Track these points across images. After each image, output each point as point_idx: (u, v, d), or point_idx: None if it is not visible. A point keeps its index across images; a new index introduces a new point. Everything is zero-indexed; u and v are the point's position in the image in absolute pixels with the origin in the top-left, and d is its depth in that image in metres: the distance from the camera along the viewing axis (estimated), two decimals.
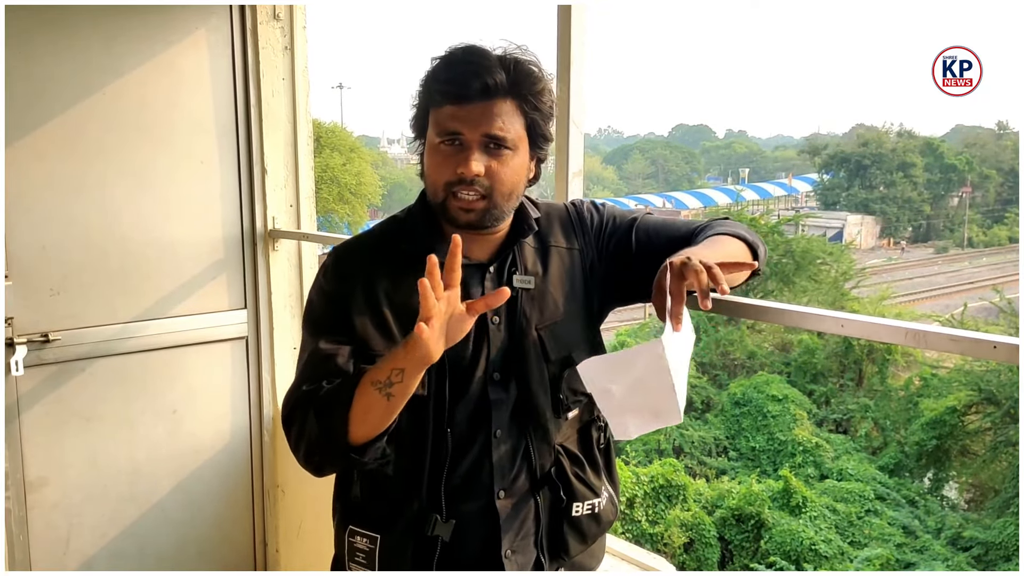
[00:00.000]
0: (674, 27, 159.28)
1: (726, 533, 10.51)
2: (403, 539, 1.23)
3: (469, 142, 1.16)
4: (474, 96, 1.15)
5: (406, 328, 1.16)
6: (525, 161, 1.21)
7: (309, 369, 1.19)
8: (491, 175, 1.16)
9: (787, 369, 14.38)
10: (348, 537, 1.27)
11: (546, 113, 1.21)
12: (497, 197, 1.18)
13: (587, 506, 1.29)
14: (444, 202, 1.18)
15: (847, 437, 13.09)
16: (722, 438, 12.96)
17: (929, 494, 12.05)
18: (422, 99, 1.21)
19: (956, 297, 21.66)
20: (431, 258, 1.04)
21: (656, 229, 1.32)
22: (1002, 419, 11.75)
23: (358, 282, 1.23)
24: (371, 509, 1.26)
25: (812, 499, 10.67)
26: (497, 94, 1.16)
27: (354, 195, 21.82)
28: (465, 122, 1.15)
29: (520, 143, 1.19)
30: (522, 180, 1.22)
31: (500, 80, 1.15)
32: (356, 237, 1.34)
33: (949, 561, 10.12)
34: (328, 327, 1.22)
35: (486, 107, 1.15)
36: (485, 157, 1.16)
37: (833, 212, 33.84)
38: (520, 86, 1.17)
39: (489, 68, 1.15)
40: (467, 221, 1.18)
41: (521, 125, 1.19)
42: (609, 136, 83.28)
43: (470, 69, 1.15)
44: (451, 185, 1.17)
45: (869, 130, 38.81)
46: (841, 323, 1.30)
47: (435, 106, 1.18)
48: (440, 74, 1.18)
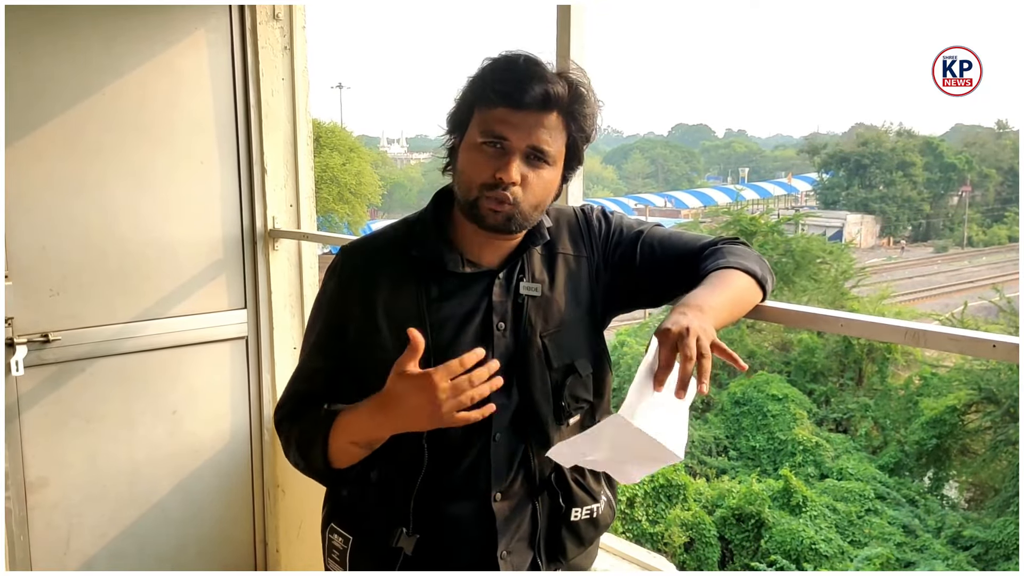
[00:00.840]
0: (673, 27, 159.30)
1: (726, 532, 10.50)
2: (370, 544, 1.26)
3: (513, 149, 1.16)
4: (531, 104, 1.15)
5: (397, 339, 1.18)
6: (558, 177, 1.22)
7: (299, 382, 1.29)
8: (525, 185, 1.17)
9: (787, 368, 14.38)
10: (328, 534, 1.32)
11: (588, 136, 1.22)
12: (525, 206, 1.18)
13: (586, 511, 1.30)
14: (475, 201, 1.18)
15: (847, 436, 13.08)
16: (722, 437, 12.96)
17: (929, 493, 12.05)
18: (469, 96, 1.20)
19: (956, 296, 21.66)
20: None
21: (662, 243, 1.31)
22: (1002, 418, 11.75)
23: (358, 287, 1.24)
24: (352, 510, 1.29)
25: (812, 498, 10.67)
26: (553, 107, 1.16)
27: (354, 195, 21.81)
28: (515, 128, 1.15)
29: (559, 159, 1.20)
30: (551, 195, 1.23)
31: (560, 93, 1.16)
32: (366, 237, 1.35)
33: (949, 560, 10.12)
34: (324, 336, 1.27)
35: (539, 118, 1.16)
36: (524, 166, 1.16)
37: (833, 211, 33.84)
38: (574, 105, 1.18)
39: (551, 79, 1.16)
40: (494, 223, 1.18)
41: (563, 142, 1.19)
42: (609, 136, 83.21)
43: (533, 76, 1.15)
44: (486, 187, 1.16)
45: (868, 129, 38.82)
46: (841, 322, 1.30)
47: (486, 105, 1.17)
48: (500, 75, 1.17)
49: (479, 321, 1.22)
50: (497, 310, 1.23)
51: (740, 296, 1.22)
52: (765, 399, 12.80)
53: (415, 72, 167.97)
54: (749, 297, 1.25)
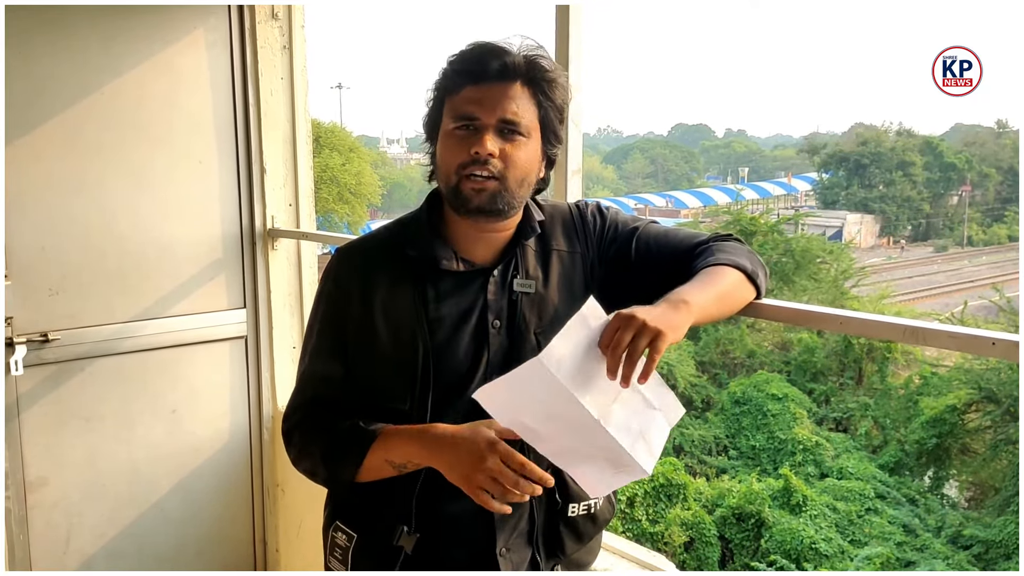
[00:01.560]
0: (673, 26, 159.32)
1: (726, 532, 10.50)
2: (373, 543, 1.26)
3: (485, 126, 1.17)
4: (492, 76, 1.17)
5: (394, 339, 1.20)
6: (537, 151, 1.22)
7: (308, 390, 1.29)
8: (504, 158, 1.17)
9: (787, 368, 14.39)
10: (332, 532, 1.32)
11: (558, 106, 1.23)
12: (510, 182, 1.18)
13: (583, 507, 1.30)
14: (457, 185, 1.18)
15: (847, 436, 13.08)
16: (722, 437, 12.97)
17: (929, 492, 12.05)
18: (438, 91, 1.22)
19: (956, 296, 21.64)
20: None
21: (657, 240, 1.31)
22: (1002, 417, 11.75)
23: (356, 287, 1.25)
24: (356, 509, 1.29)
25: (812, 498, 10.67)
26: (514, 76, 1.18)
27: (353, 195, 21.81)
28: (481, 105, 1.17)
29: (533, 131, 1.20)
30: (534, 170, 1.22)
31: (517, 62, 1.18)
32: (361, 238, 1.36)
33: (949, 559, 10.12)
34: (325, 341, 1.27)
35: (503, 89, 1.17)
36: (499, 140, 1.17)
37: (832, 211, 33.81)
38: (535, 72, 1.19)
39: (507, 51, 1.18)
40: (479, 204, 1.18)
41: (534, 115, 1.20)
42: (608, 135, 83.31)
43: (489, 51, 1.18)
44: (464, 166, 1.17)
45: (868, 129, 38.76)
46: (840, 320, 1.30)
47: (452, 91, 1.19)
48: (457, 60, 1.20)
49: (475, 320, 1.23)
50: (492, 308, 1.23)
51: (728, 292, 1.22)
52: (765, 398, 12.80)
53: (415, 72, 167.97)
54: (739, 293, 1.25)
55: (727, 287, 1.22)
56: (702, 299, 1.14)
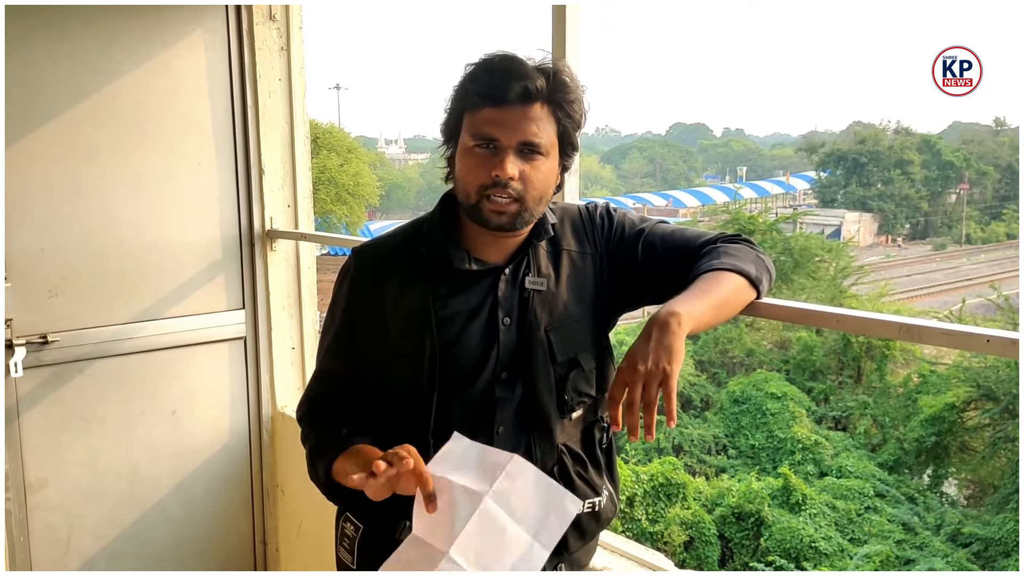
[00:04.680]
0: (672, 26, 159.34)
1: (726, 531, 10.50)
2: (378, 535, 1.29)
3: (505, 147, 1.17)
4: (513, 100, 1.17)
5: (404, 333, 1.24)
6: (555, 167, 1.24)
7: (317, 384, 1.36)
8: (524, 179, 1.18)
9: (786, 367, 14.38)
10: (342, 522, 1.37)
11: (577, 122, 1.23)
12: (529, 201, 1.20)
13: (588, 505, 1.31)
14: (477, 204, 1.20)
15: (846, 434, 13.08)
16: (721, 436, 12.97)
17: (928, 491, 12.05)
18: (456, 103, 1.22)
19: (954, 294, 21.64)
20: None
21: (664, 240, 1.32)
22: (1001, 415, 11.76)
23: (369, 285, 1.28)
24: (365, 500, 1.29)
25: (812, 496, 10.67)
26: (535, 99, 1.18)
27: (352, 196, 21.80)
28: (502, 127, 1.17)
29: (552, 149, 1.21)
30: (551, 185, 1.24)
31: (540, 86, 1.18)
32: (376, 239, 1.38)
33: (949, 557, 10.12)
34: (338, 338, 1.32)
35: (523, 112, 1.18)
36: (519, 161, 1.18)
37: (831, 210, 33.84)
38: (556, 93, 1.20)
39: (529, 73, 1.18)
40: (499, 224, 1.20)
41: (554, 132, 1.21)
42: (607, 135, 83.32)
43: (510, 73, 1.17)
44: (485, 188, 1.18)
45: (866, 127, 38.79)
46: (836, 318, 1.30)
47: (471, 109, 1.19)
48: (479, 77, 1.19)
49: (485, 316, 1.24)
50: (503, 305, 1.25)
51: (727, 299, 1.22)
52: (764, 397, 12.80)
53: (413, 73, 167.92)
54: (739, 299, 1.25)
55: (725, 294, 1.21)
56: (696, 308, 1.15)
